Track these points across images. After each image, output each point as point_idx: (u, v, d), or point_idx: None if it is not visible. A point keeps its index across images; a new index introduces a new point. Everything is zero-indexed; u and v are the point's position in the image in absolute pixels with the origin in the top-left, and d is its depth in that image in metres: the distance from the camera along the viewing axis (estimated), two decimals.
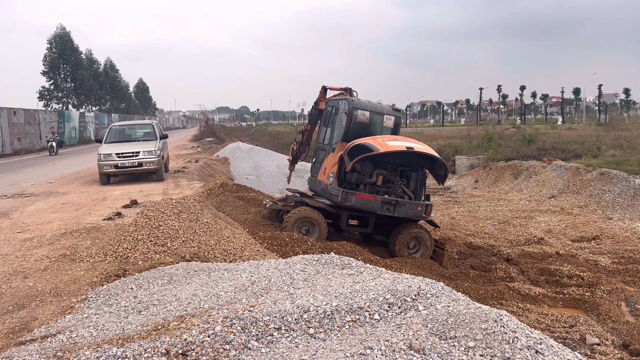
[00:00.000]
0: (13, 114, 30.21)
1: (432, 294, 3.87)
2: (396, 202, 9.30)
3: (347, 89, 11.52)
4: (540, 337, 3.10)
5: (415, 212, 9.46)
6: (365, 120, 9.97)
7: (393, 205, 9.27)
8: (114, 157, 14.46)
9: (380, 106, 10.72)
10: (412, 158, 9.71)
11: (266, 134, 52.40)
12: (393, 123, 10.34)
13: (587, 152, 20.36)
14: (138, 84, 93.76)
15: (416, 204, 9.49)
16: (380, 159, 9.49)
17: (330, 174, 9.80)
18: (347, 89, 11.52)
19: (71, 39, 54.66)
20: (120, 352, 3.39)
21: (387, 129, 10.26)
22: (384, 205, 9.24)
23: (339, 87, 12.01)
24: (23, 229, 8.61)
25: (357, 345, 3.25)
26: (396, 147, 9.29)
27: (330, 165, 9.92)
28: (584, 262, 9.97)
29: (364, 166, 9.48)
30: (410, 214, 9.43)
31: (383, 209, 9.24)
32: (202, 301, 4.34)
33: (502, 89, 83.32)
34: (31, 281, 5.63)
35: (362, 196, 9.22)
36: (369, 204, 9.22)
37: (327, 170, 10.04)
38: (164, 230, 6.57)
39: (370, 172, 9.53)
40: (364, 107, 10.06)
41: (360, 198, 9.22)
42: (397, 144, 9.43)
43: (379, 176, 9.50)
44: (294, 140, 14.09)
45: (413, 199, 9.60)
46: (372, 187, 9.48)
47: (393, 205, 9.27)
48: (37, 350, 3.69)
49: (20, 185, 14.81)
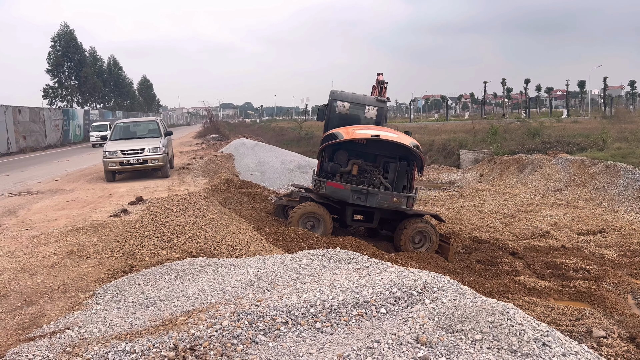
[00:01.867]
0: (18, 112, 30.33)
1: (439, 288, 3.88)
2: (367, 191, 9.30)
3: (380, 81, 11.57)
4: (547, 330, 3.11)
5: (390, 203, 9.38)
6: (344, 111, 10.17)
7: (364, 194, 9.31)
8: (119, 154, 14.51)
9: (363, 97, 10.71)
10: (390, 148, 9.66)
11: (270, 130, 52.46)
12: (376, 114, 10.35)
13: (592, 145, 20.28)
14: (142, 81, 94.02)
15: (391, 194, 9.40)
16: (353, 148, 9.68)
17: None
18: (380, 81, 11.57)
19: (75, 37, 54.78)
20: (129, 347, 3.42)
21: (370, 120, 10.31)
22: (354, 194, 9.31)
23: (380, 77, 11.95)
24: (30, 227, 8.66)
25: (364, 339, 3.27)
26: (361, 135, 9.42)
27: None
28: (590, 255, 9.94)
29: (339, 155, 9.79)
30: (384, 204, 9.39)
31: (353, 198, 9.33)
32: (209, 296, 4.36)
33: (506, 82, 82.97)
34: (39, 278, 5.67)
35: (333, 184, 9.42)
36: (339, 192, 9.36)
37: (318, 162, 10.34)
38: (170, 226, 6.60)
39: (346, 161, 9.78)
40: (345, 99, 10.21)
41: (330, 186, 9.41)
42: (364, 132, 9.49)
43: (354, 165, 9.65)
44: None
45: (390, 190, 9.55)
46: (347, 176, 9.66)
47: (364, 194, 9.31)
48: (46, 345, 3.73)
49: (26, 183, 14.89)
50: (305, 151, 26.91)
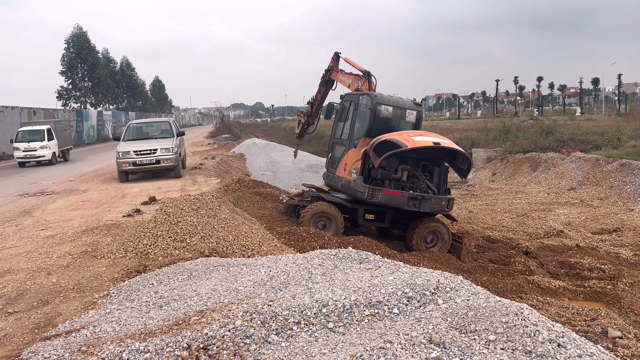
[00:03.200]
0: (33, 114, 30.71)
1: (452, 288, 3.85)
2: (422, 197, 9.29)
3: (367, 72, 11.21)
4: (562, 330, 3.07)
5: (440, 207, 9.49)
6: (388, 115, 9.88)
7: (419, 200, 9.26)
8: (132, 154, 14.63)
9: (402, 101, 10.67)
10: (435, 152, 9.66)
11: (281, 130, 52.49)
12: (415, 117, 10.34)
13: (607, 143, 20.04)
14: (154, 81, 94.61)
15: (440, 199, 9.51)
16: (406, 154, 9.42)
17: (353, 170, 9.71)
18: (367, 72, 11.21)
19: (88, 39, 55.31)
20: (143, 347, 3.44)
21: (409, 124, 10.23)
22: (411, 200, 9.21)
23: (358, 66, 11.66)
24: (45, 227, 8.77)
25: (376, 339, 3.26)
26: (423, 142, 9.23)
27: (352, 161, 9.81)
28: (604, 255, 9.83)
29: (389, 162, 9.44)
30: (435, 208, 9.45)
31: (409, 205, 9.22)
32: (221, 296, 4.38)
33: (519, 80, 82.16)
34: (54, 277, 5.74)
35: (389, 192, 9.19)
36: (396, 199, 9.20)
37: (348, 166, 9.91)
38: (182, 226, 6.64)
39: (396, 167, 9.50)
40: (387, 102, 9.97)
41: (387, 194, 9.19)
42: (424, 139, 9.37)
43: (404, 172, 9.49)
44: (300, 112, 14.00)
45: (437, 194, 9.62)
46: (397, 182, 9.47)
47: (419, 200, 9.26)
48: (62, 345, 3.77)
49: (41, 184, 15.08)
50: (317, 150, 26.88)
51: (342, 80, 12.08)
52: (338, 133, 10.82)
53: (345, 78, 11.95)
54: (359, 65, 11.74)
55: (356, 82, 11.39)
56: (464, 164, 9.79)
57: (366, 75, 11.17)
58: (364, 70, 11.37)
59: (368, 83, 11.11)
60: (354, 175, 9.63)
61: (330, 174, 10.66)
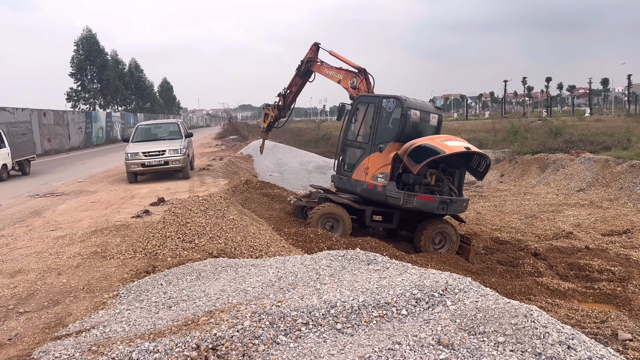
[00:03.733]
0: (43, 116, 30.98)
1: (460, 289, 3.85)
2: (450, 200, 9.35)
3: (363, 69, 10.96)
4: (572, 333, 3.06)
5: (462, 208, 9.67)
6: (416, 120, 9.75)
7: (447, 204, 9.33)
8: (140, 156, 14.72)
9: (426, 104, 10.65)
10: (458, 156, 9.64)
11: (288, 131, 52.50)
12: (436, 121, 10.38)
13: (616, 143, 19.90)
14: (162, 83, 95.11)
15: (462, 200, 9.67)
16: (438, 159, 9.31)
17: (379, 174, 9.48)
18: (363, 69, 10.96)
19: (97, 41, 55.67)
20: (152, 347, 3.47)
21: (432, 128, 10.24)
22: (441, 204, 9.26)
23: (350, 61, 11.32)
24: (55, 227, 8.84)
25: (385, 341, 3.26)
26: (457, 148, 9.19)
27: (377, 166, 9.55)
28: (614, 257, 9.75)
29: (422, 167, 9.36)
30: (459, 210, 9.62)
31: (440, 209, 9.27)
32: (230, 296, 4.40)
33: (527, 80, 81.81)
34: (65, 278, 5.78)
35: (424, 197, 9.17)
36: (429, 204, 9.21)
37: (370, 170, 9.63)
38: (191, 227, 6.67)
39: (425, 172, 9.41)
40: (415, 107, 9.84)
41: (421, 199, 9.15)
42: (455, 144, 9.34)
43: (433, 176, 9.50)
44: (267, 105, 13.45)
45: (457, 196, 9.71)
46: (426, 187, 9.44)
47: (447, 204, 9.33)
48: (72, 344, 3.80)
49: (51, 185, 15.20)
50: (324, 152, 26.90)
51: (328, 75, 11.65)
52: (351, 135, 10.44)
53: (333, 72, 11.54)
54: (351, 61, 11.34)
55: (349, 78, 11.08)
56: (480, 166, 9.76)
57: (362, 72, 10.90)
58: (359, 67, 11.03)
59: (366, 81, 10.86)
60: (381, 180, 9.42)
61: (344, 177, 10.29)
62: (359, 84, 10.93)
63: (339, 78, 11.36)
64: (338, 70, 11.49)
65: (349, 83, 11.06)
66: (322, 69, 11.77)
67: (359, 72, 11.00)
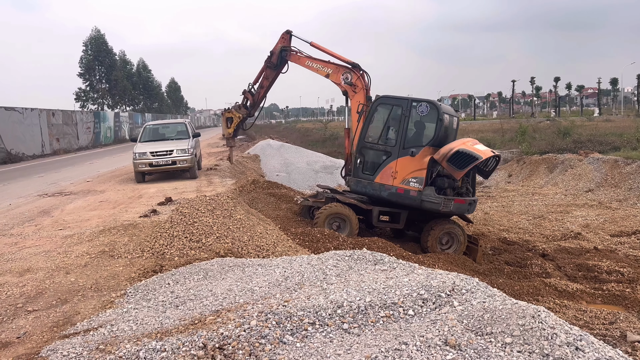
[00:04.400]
0: (52, 116, 31.19)
1: (467, 290, 3.83)
2: (473, 201, 9.70)
3: (357, 65, 10.56)
4: (580, 334, 3.04)
5: (475, 207, 9.99)
6: (447, 124, 9.77)
7: (472, 204, 9.65)
8: (148, 155, 14.77)
9: (450, 108, 10.68)
10: None
11: (295, 131, 52.62)
12: (456, 124, 10.52)
13: (626, 144, 19.76)
14: (170, 83, 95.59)
15: (476, 200, 10.02)
16: None
17: (411, 179, 9.37)
18: (357, 65, 10.56)
19: (106, 41, 56.07)
20: (159, 346, 3.48)
21: (454, 131, 10.36)
22: (469, 206, 9.55)
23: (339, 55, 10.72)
24: (64, 227, 8.89)
25: (391, 341, 3.25)
26: (488, 152, 9.33)
27: (409, 170, 9.42)
28: (623, 258, 9.69)
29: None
30: (473, 210, 9.91)
31: (468, 210, 9.60)
32: (237, 296, 4.41)
33: (535, 80, 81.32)
34: (73, 277, 5.82)
35: (459, 201, 9.35)
36: (462, 207, 9.41)
37: (399, 174, 9.47)
38: (198, 226, 6.69)
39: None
40: (446, 111, 9.84)
41: (457, 203, 9.33)
42: (483, 149, 9.47)
43: (460, 179, 9.56)
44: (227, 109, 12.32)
45: (473, 195, 9.96)
46: (454, 190, 9.56)
47: (472, 204, 9.65)
48: (80, 343, 3.83)
49: (59, 184, 15.29)
50: (331, 152, 26.89)
51: (312, 67, 10.99)
52: (372, 137, 10.12)
53: (319, 65, 10.89)
54: (338, 54, 10.82)
55: (341, 73, 10.59)
56: (488, 166, 9.80)
57: (357, 67, 10.50)
58: (351, 62, 10.59)
59: (362, 78, 10.52)
60: (415, 185, 9.34)
61: (363, 180, 9.91)
62: (355, 80, 10.51)
63: (327, 72, 10.79)
64: (326, 64, 10.89)
65: (341, 78, 10.59)
66: (302, 60, 11.10)
67: (353, 67, 10.56)
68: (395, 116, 9.77)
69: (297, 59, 11.20)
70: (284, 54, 11.29)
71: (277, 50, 11.30)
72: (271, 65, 11.47)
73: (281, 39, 11.33)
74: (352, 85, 10.56)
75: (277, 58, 11.33)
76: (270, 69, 11.56)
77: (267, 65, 11.51)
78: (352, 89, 10.57)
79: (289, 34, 11.33)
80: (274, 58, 11.34)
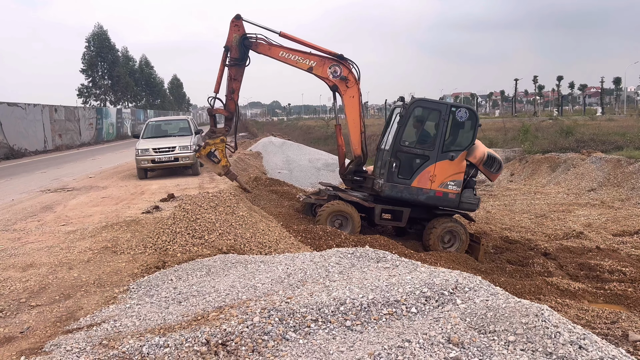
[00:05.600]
0: (54, 111, 31.22)
1: (470, 288, 3.83)
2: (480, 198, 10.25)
3: (341, 56, 9.72)
4: (583, 333, 3.04)
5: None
6: None
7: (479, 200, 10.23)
8: (151, 152, 14.79)
9: None
10: None
11: (297, 128, 52.60)
12: None
13: (629, 143, 19.69)
14: (172, 80, 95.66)
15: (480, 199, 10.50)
16: None
17: (450, 182, 9.58)
18: (341, 56, 9.72)
19: (108, 38, 56.07)
20: (162, 341, 3.49)
21: None
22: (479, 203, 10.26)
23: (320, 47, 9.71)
24: (66, 222, 8.91)
25: (394, 338, 3.26)
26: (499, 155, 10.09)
27: (448, 174, 9.56)
28: (626, 257, 9.67)
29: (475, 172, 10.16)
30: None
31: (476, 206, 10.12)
32: (240, 292, 4.42)
33: (538, 79, 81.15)
34: (76, 272, 5.83)
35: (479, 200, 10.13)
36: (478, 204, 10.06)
37: (438, 177, 9.54)
38: (201, 223, 6.70)
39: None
40: None
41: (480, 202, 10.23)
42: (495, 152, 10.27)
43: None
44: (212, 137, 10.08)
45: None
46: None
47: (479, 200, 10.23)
48: (83, 338, 3.84)
49: (62, 180, 15.32)
50: (333, 149, 26.81)
51: (288, 59, 9.67)
52: (408, 141, 9.78)
53: (299, 57, 9.67)
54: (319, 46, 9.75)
55: (327, 66, 9.71)
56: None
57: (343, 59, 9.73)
58: (335, 53, 9.71)
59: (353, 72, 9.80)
60: (453, 188, 9.59)
61: (399, 185, 9.59)
62: (347, 74, 9.76)
63: (310, 64, 9.67)
64: (307, 55, 9.70)
65: (329, 72, 9.68)
66: (274, 51, 9.63)
67: (340, 59, 9.68)
68: (433, 120, 9.76)
69: (268, 49, 9.61)
70: (248, 43, 9.58)
71: (235, 42, 9.58)
72: (235, 62, 9.69)
73: (234, 27, 9.56)
74: (344, 79, 9.77)
75: (238, 51, 9.62)
76: (236, 67, 9.75)
77: (230, 63, 9.70)
78: (345, 83, 9.79)
79: (242, 21, 9.61)
80: (233, 53, 9.60)
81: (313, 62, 9.68)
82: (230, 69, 9.77)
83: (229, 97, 9.92)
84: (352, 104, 9.98)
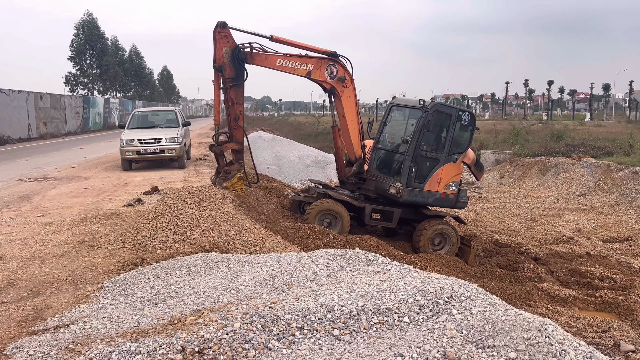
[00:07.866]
0: (39, 99, 30.53)
1: (467, 297, 3.60)
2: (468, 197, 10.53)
3: (334, 53, 9.12)
4: (589, 351, 2.81)
5: None
6: None
7: None
8: (136, 143, 14.41)
9: None
10: None
11: (288, 124, 52.26)
12: None
13: (619, 149, 19.66)
14: (162, 71, 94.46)
15: None
16: None
17: (451, 183, 9.70)
18: (334, 53, 9.12)
19: (97, 26, 55.13)
20: (134, 348, 3.21)
21: None
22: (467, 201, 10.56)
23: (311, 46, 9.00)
24: (43, 213, 8.56)
25: (385, 351, 3.01)
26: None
27: (451, 175, 9.69)
28: (616, 264, 9.56)
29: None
30: None
31: None
32: (220, 295, 4.14)
33: (529, 83, 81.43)
34: (48, 267, 5.51)
35: None
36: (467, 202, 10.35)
37: (443, 180, 9.57)
38: (183, 218, 6.40)
39: None
40: None
41: None
42: None
43: None
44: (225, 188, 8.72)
45: None
46: None
47: None
48: (48, 341, 3.54)
49: (43, 169, 14.89)
50: (323, 146, 26.59)
51: (286, 67, 8.77)
52: (427, 145, 9.59)
53: (296, 63, 8.85)
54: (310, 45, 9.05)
55: (324, 68, 9.02)
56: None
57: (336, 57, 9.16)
58: (328, 51, 9.04)
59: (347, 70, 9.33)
60: (453, 188, 9.73)
61: (415, 189, 9.43)
62: (343, 73, 9.16)
63: (308, 69, 8.90)
64: (303, 59, 8.88)
65: (326, 74, 9.00)
66: (271, 60, 8.68)
67: (332, 57, 9.04)
68: (444, 124, 9.64)
69: (264, 59, 8.62)
70: (242, 56, 8.48)
71: (228, 58, 8.43)
72: (233, 82, 8.58)
73: (222, 38, 8.40)
74: (342, 80, 9.22)
75: (232, 69, 8.47)
76: (235, 89, 8.66)
77: (227, 85, 8.60)
78: (342, 83, 9.23)
79: (227, 28, 8.42)
80: (228, 72, 8.44)
81: (310, 66, 8.93)
82: (229, 92, 8.68)
83: (234, 126, 8.90)
84: (350, 104, 9.64)
